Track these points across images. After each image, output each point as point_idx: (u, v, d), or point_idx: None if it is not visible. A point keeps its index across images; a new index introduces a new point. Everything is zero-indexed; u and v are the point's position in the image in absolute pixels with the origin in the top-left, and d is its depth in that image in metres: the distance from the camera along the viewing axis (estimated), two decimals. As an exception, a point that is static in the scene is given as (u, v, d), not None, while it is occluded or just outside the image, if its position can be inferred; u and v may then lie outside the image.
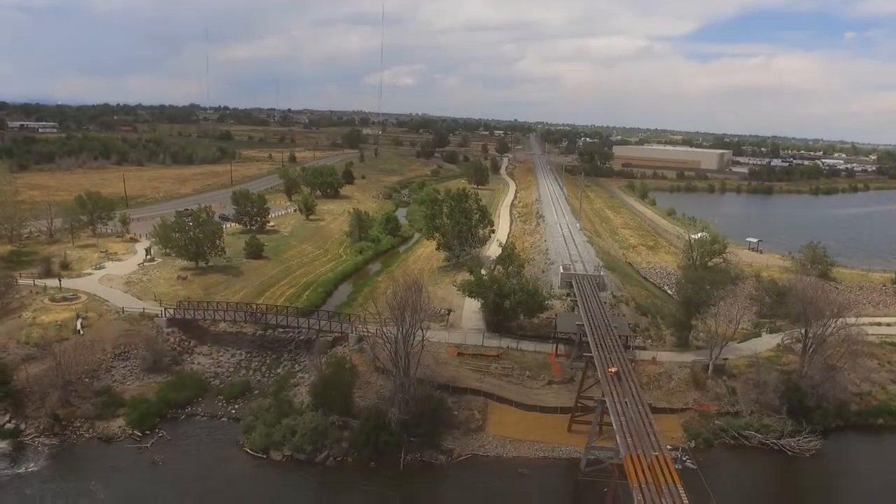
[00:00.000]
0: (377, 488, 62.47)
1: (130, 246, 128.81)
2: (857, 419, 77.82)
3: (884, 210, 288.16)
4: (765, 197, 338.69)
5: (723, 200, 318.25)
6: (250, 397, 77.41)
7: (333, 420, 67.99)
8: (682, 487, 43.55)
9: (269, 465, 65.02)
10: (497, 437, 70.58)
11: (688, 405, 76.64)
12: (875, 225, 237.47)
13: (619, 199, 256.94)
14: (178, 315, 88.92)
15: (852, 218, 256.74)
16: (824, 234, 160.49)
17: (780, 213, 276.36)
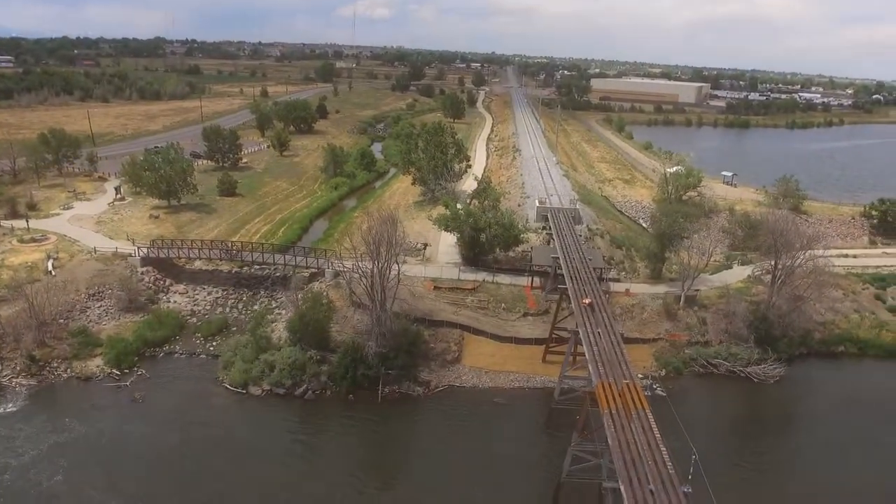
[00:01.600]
0: (356, 420, 63.91)
1: (99, 185, 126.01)
2: (820, 347, 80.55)
3: (856, 144, 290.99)
4: (741, 131, 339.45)
5: (699, 134, 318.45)
6: (228, 334, 77.71)
7: (311, 355, 68.72)
8: (650, 413, 45.00)
9: (248, 400, 65.88)
10: (473, 369, 72.10)
11: (659, 335, 78.58)
12: (847, 159, 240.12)
13: (596, 132, 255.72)
14: (151, 254, 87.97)
15: (825, 152, 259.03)
16: (798, 169, 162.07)
17: (756, 148, 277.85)
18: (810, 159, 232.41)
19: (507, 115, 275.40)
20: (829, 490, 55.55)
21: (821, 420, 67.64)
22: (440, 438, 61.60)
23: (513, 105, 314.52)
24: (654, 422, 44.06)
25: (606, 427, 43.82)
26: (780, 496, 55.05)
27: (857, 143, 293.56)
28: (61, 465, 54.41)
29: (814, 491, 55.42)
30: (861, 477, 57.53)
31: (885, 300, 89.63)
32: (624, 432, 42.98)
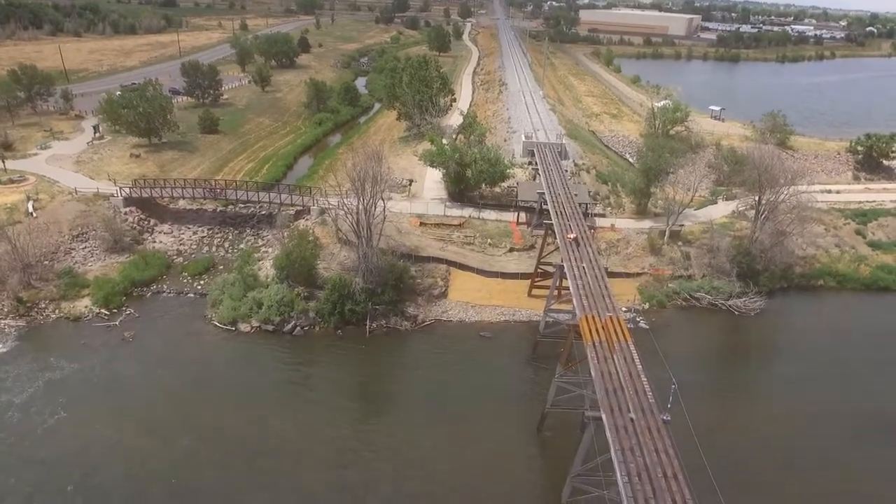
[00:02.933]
0: (345, 354, 64.96)
1: (76, 124, 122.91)
2: (800, 281, 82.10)
3: (846, 79, 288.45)
4: (731, 65, 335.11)
5: (689, 68, 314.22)
6: (215, 273, 77.83)
7: (299, 291, 69.17)
8: (633, 345, 46.03)
9: (237, 337, 66.58)
10: (459, 303, 73.05)
11: (644, 269, 79.60)
12: (836, 94, 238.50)
13: (583, 66, 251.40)
14: (134, 194, 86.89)
15: (815, 87, 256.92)
16: (786, 104, 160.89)
17: (745, 82, 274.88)
18: (799, 94, 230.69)
19: (494, 48, 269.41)
20: (803, 415, 57.67)
21: (798, 350, 69.58)
22: (428, 371, 62.90)
23: (499, 38, 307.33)
24: (636, 353, 45.13)
25: (590, 359, 44.84)
26: (755, 422, 57.08)
27: (847, 78, 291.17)
28: (60, 402, 55.17)
29: (788, 416, 57.51)
30: (835, 402, 59.72)
31: (865, 235, 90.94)
32: (606, 363, 44.05)
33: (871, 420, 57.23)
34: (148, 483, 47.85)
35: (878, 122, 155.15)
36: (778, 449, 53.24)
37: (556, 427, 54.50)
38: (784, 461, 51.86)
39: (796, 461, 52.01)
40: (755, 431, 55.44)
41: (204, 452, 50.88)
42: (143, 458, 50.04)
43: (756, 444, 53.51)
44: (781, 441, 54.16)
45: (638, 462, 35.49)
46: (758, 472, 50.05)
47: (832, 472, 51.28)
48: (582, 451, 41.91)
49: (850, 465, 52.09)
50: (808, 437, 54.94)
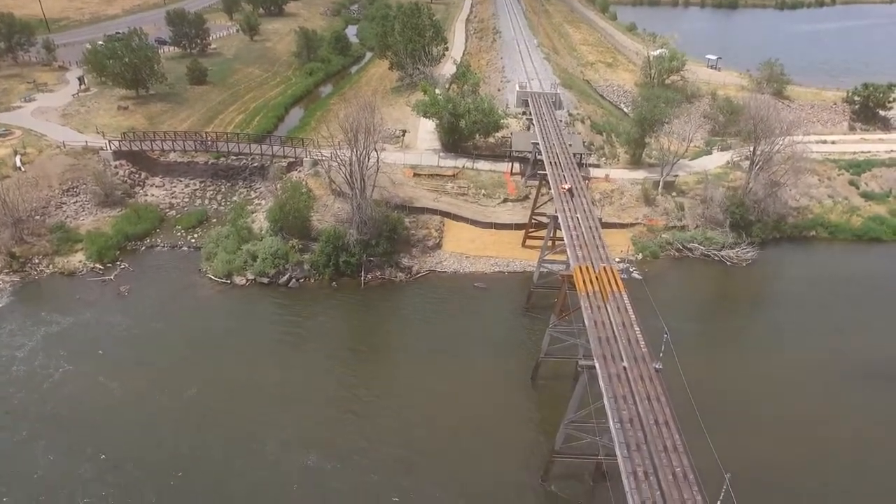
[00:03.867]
0: (340, 305, 65.45)
1: (60, 75, 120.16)
2: (792, 231, 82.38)
3: (845, 27, 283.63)
4: (729, 11, 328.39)
5: (686, 15, 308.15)
6: (208, 226, 77.58)
7: (293, 244, 69.15)
8: (626, 295, 46.42)
9: (232, 290, 66.80)
10: (454, 254, 73.32)
11: (637, 220, 79.72)
12: (834, 42, 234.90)
13: (579, 13, 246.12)
14: (124, 147, 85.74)
15: (814, 34, 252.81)
16: (783, 52, 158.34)
17: (743, 29, 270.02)
18: (797, 42, 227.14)
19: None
20: (792, 362, 58.64)
21: (789, 299, 70.34)
22: (423, 321, 63.51)
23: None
24: (629, 303, 45.53)
25: (583, 308, 45.26)
26: (745, 369, 58.09)
27: (846, 25, 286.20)
28: (62, 355, 55.66)
29: (778, 363, 58.48)
30: (824, 350, 60.69)
31: (858, 186, 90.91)
32: (600, 313, 44.50)
33: (859, 366, 58.21)
34: (157, 430, 48.79)
35: (876, 72, 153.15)
36: (768, 395, 54.29)
37: (550, 376, 55.45)
38: (773, 407, 52.92)
39: (785, 407, 53.08)
40: (745, 379, 56.45)
41: (207, 400, 51.79)
42: (149, 406, 50.91)
43: (746, 391, 54.59)
44: (771, 387, 55.21)
45: (630, 409, 36.22)
46: (747, 418, 51.09)
47: (820, 416, 52.33)
48: (575, 398, 42.67)
49: (837, 409, 53.24)
50: (797, 384, 55.98)
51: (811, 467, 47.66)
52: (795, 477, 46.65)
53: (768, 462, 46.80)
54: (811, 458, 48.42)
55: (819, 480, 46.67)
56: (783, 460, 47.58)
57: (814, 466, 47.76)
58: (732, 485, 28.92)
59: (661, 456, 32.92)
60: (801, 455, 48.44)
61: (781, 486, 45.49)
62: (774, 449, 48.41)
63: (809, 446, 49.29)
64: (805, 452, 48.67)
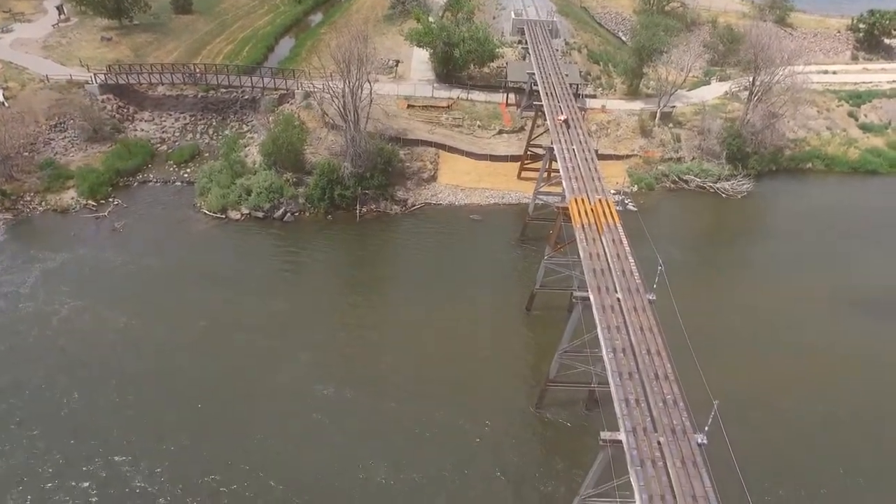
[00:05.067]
0: (336, 238, 65.71)
1: (38, 3, 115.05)
2: (789, 164, 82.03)
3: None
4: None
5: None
6: (201, 160, 76.71)
7: (287, 177, 68.71)
8: (621, 227, 46.58)
9: (228, 225, 66.73)
10: (449, 186, 73.12)
11: (633, 152, 79.18)
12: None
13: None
14: (110, 80, 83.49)
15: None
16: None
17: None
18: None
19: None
20: (785, 292, 59.40)
21: (783, 232, 70.75)
22: (418, 253, 63.98)
23: None
24: (624, 235, 45.75)
25: (578, 240, 45.50)
26: (738, 300, 59.04)
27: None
28: (64, 291, 55.83)
29: (771, 293, 59.29)
30: (817, 280, 61.38)
31: (857, 117, 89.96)
32: (594, 245, 44.74)
33: (854, 297, 59.03)
34: (174, 362, 49.75)
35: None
36: (760, 325, 55.24)
37: (545, 307, 56.25)
38: (765, 337, 53.87)
39: (778, 337, 54.04)
40: (738, 310, 57.37)
41: (217, 331, 52.60)
42: (162, 338, 51.70)
43: (738, 322, 55.59)
44: (764, 318, 56.15)
45: (623, 339, 36.92)
46: (738, 348, 52.18)
47: (813, 346, 53.32)
48: (569, 329, 43.43)
49: (830, 340, 54.28)
50: (790, 314, 56.89)
51: (800, 395, 48.89)
52: (784, 404, 48.01)
53: (757, 390, 48.14)
54: (801, 386, 49.64)
55: (809, 409, 47.87)
56: (772, 389, 48.93)
57: (803, 395, 48.96)
58: (720, 411, 29.80)
59: (653, 384, 33.79)
60: (791, 383, 49.67)
61: (769, 413, 46.94)
62: (764, 378, 49.68)
63: (800, 376, 50.44)
64: (795, 381, 49.89)
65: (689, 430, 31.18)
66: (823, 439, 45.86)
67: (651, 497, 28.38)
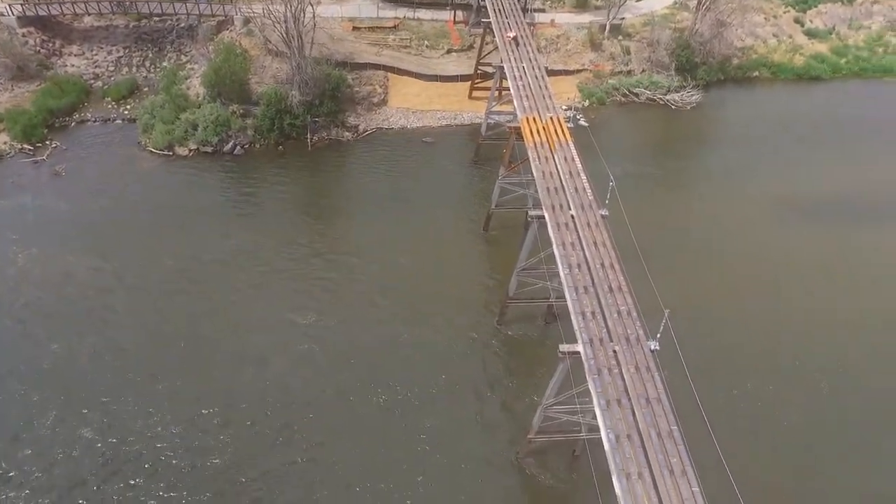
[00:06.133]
0: (289, 169, 64.82)
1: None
2: (736, 73, 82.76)
3: None
4: None
5: None
6: (140, 95, 73.57)
7: (234, 109, 66.76)
8: (573, 145, 47.08)
9: (176, 161, 64.96)
10: (400, 110, 72.23)
11: (584, 66, 78.82)
12: None
13: None
14: (29, 12, 77.93)
15: None
16: None
17: None
18: None
19: None
20: (731, 200, 61.57)
21: (730, 141, 72.09)
22: (373, 178, 63.83)
23: None
24: (576, 152, 46.33)
25: (531, 160, 45.95)
26: (686, 211, 60.91)
27: None
28: (14, 239, 54.17)
29: (718, 202, 61.37)
30: (766, 189, 63.46)
31: (803, 23, 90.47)
32: (547, 164, 45.30)
33: (797, 200, 61.50)
34: (147, 303, 49.58)
35: None
36: (709, 233, 57.37)
37: (501, 226, 57.19)
38: (714, 244, 56.09)
39: (726, 244, 56.30)
40: (689, 219, 59.44)
41: (176, 270, 52.25)
42: (129, 280, 51.19)
43: (688, 231, 57.64)
44: (712, 225, 58.28)
45: (578, 255, 38.11)
46: (688, 257, 54.25)
47: (761, 252, 55.76)
48: (526, 247, 44.43)
49: (773, 242, 56.72)
50: (737, 221, 59.11)
51: (748, 300, 51.28)
52: (732, 309, 50.39)
53: (707, 297, 50.38)
54: (749, 291, 52.01)
55: (757, 313, 50.26)
56: (721, 295, 51.29)
57: (751, 299, 51.29)
58: (671, 319, 31.39)
59: (608, 297, 35.25)
60: (739, 289, 52.07)
61: (718, 318, 49.23)
62: (714, 285, 51.99)
63: (748, 281, 52.79)
64: (744, 287, 52.24)
65: (642, 339, 32.94)
66: (770, 340, 48.30)
67: (608, 402, 30.21)
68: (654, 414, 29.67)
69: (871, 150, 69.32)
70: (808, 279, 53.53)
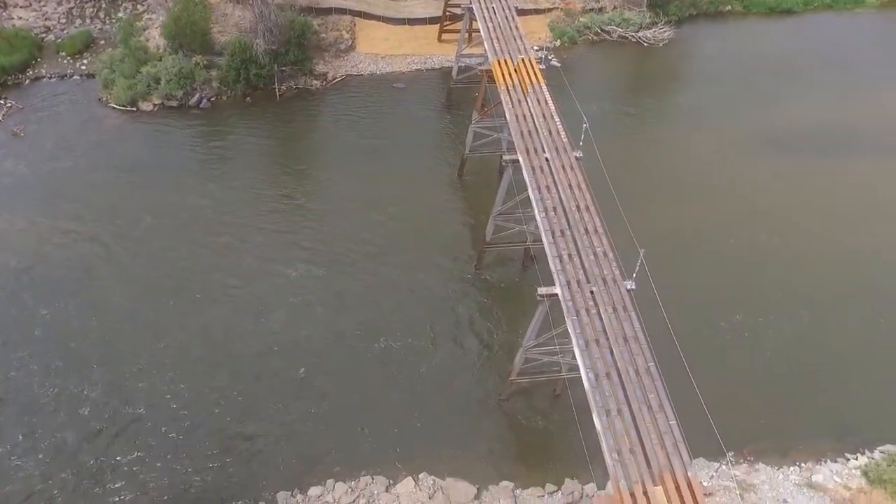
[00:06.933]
0: (257, 120, 63.55)
1: None
2: (708, 7, 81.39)
3: None
4: None
5: None
6: (97, 49, 70.73)
7: (197, 61, 64.64)
8: (545, 87, 46.55)
9: (141, 117, 63.14)
10: (369, 55, 70.65)
11: (554, 5, 77.24)
12: None
13: None
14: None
15: None
16: None
17: None
18: None
19: None
20: (705, 136, 61.60)
21: (704, 77, 71.50)
22: (345, 127, 62.86)
23: None
24: (549, 94, 45.88)
25: (504, 103, 45.48)
26: (663, 148, 60.74)
27: None
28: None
29: (692, 138, 61.49)
30: (740, 124, 63.35)
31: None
32: (520, 106, 44.87)
33: (769, 135, 61.59)
34: (123, 262, 49.04)
35: None
36: (683, 171, 57.32)
37: (476, 171, 57.03)
38: (689, 182, 56.29)
39: (700, 180, 56.49)
40: (662, 158, 59.35)
41: (155, 228, 51.46)
42: (103, 241, 50.27)
43: (662, 170, 57.53)
44: (686, 163, 58.32)
45: (553, 198, 38.24)
46: (663, 195, 54.41)
47: (731, 185, 56.26)
48: (501, 191, 44.44)
49: (747, 177, 57.08)
50: (711, 158, 59.27)
51: (722, 235, 51.97)
52: (706, 245, 51.21)
53: (681, 235, 50.98)
54: (723, 227, 52.62)
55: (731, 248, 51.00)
56: (695, 232, 51.99)
57: (725, 235, 51.96)
58: (647, 258, 31.86)
59: (584, 239, 35.61)
60: (713, 225, 52.70)
61: (693, 255, 49.93)
62: (688, 222, 52.51)
63: (722, 217, 53.33)
64: (718, 223, 52.84)
65: (618, 279, 33.51)
66: (749, 275, 49.02)
67: (587, 342, 30.91)
68: (631, 352, 30.47)
69: (846, 83, 69.03)
70: (786, 213, 54.06)
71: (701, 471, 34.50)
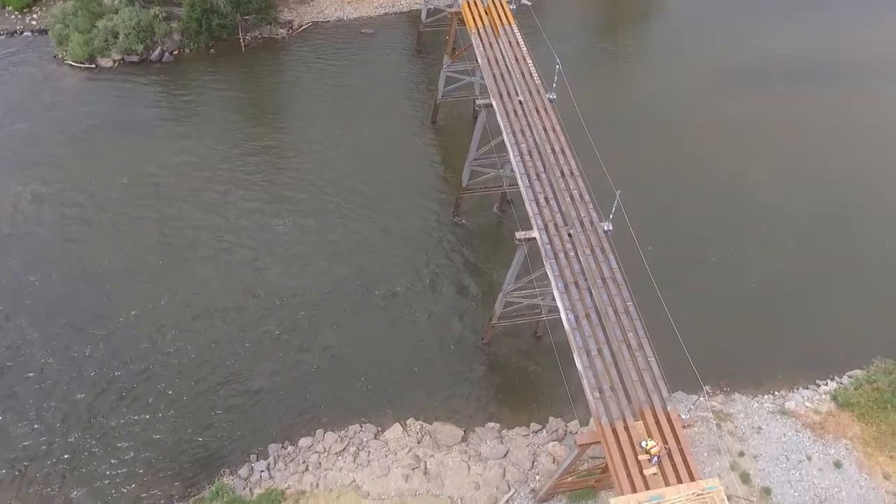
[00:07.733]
0: (223, 73, 61.71)
1: None
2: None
3: None
4: None
5: None
6: (47, 3, 67.40)
7: (156, 13, 62.11)
8: (517, 28, 45.67)
9: (101, 74, 60.88)
10: (335, 1, 68.42)
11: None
12: None
13: None
14: None
15: None
16: None
17: None
18: None
19: None
20: (679, 74, 60.83)
21: (679, 12, 69.78)
22: (314, 76, 61.38)
23: None
24: (521, 36, 45.08)
25: (475, 46, 44.64)
26: (634, 87, 60.22)
27: None
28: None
29: (665, 76, 60.78)
30: (717, 58, 62.59)
31: None
32: (492, 50, 44.07)
33: (748, 68, 61.04)
34: (105, 223, 48.09)
35: None
36: (658, 108, 56.50)
37: (450, 116, 56.45)
38: (663, 119, 55.66)
39: (674, 117, 55.91)
40: (637, 95, 58.61)
41: (132, 188, 50.33)
42: (80, 203, 49.15)
43: (637, 108, 56.93)
44: (661, 100, 57.52)
45: (528, 142, 38.06)
46: (637, 134, 53.98)
47: (706, 120, 56.07)
48: (476, 136, 44.02)
49: (725, 109, 56.94)
50: (687, 92, 58.58)
51: (698, 170, 52.11)
52: (683, 181, 51.32)
53: (657, 173, 50.98)
54: (699, 162, 52.68)
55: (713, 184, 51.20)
56: (671, 169, 51.91)
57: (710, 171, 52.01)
58: (622, 199, 32.03)
59: (559, 181, 35.63)
60: (689, 161, 52.64)
61: (675, 194, 50.01)
62: (664, 160, 52.30)
63: (698, 152, 53.17)
64: (694, 159, 52.75)
65: (595, 221, 33.76)
66: (731, 208, 49.41)
67: (566, 285, 31.32)
68: (609, 293, 30.97)
69: (827, 17, 68.14)
70: (767, 144, 54.15)
71: (679, 404, 35.52)
